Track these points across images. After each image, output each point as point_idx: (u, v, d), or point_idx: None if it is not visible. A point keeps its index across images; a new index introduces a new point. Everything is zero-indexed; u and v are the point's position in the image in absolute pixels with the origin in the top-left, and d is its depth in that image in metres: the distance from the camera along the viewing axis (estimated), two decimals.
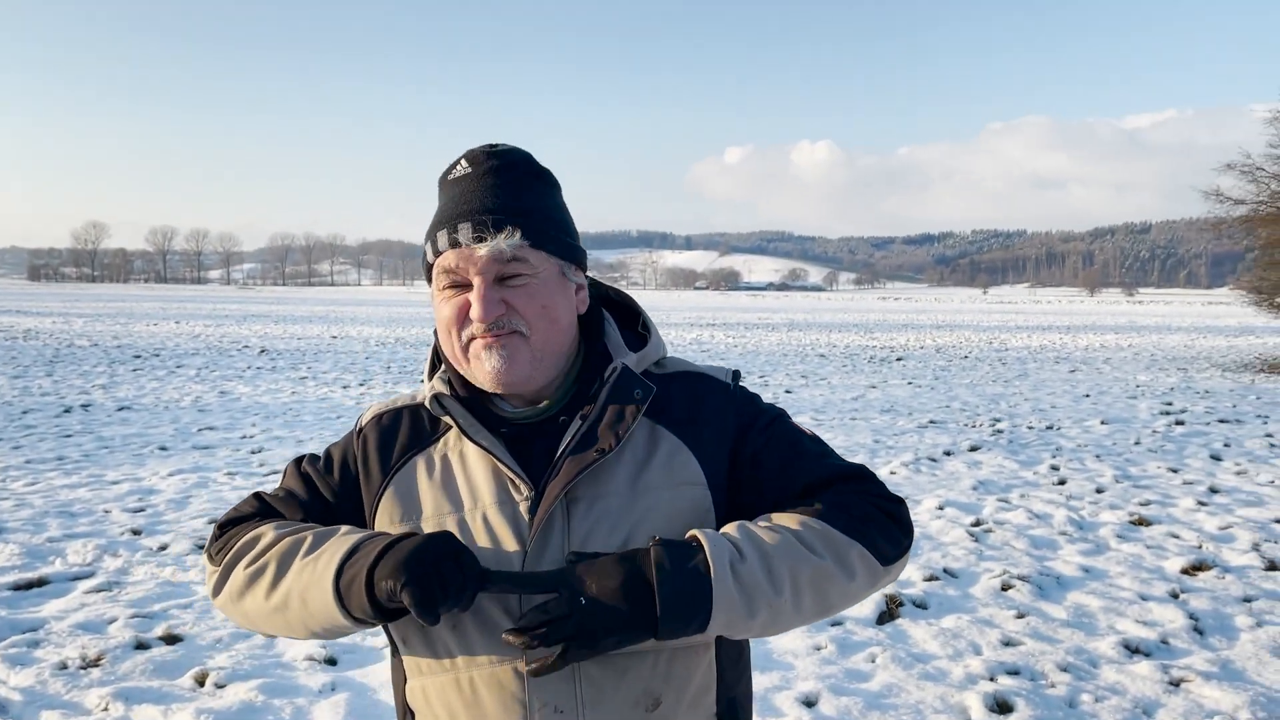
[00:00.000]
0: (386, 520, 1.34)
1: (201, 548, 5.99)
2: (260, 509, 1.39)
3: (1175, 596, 5.32)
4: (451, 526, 1.29)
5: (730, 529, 1.23)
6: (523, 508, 1.28)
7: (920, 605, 5.15)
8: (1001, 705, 3.96)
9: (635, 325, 1.46)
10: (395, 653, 1.38)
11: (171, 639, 4.55)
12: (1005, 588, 5.41)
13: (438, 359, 1.41)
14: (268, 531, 1.31)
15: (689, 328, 37.11)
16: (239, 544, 1.31)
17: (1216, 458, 9.67)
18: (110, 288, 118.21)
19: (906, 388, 16.18)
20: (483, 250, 1.24)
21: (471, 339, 1.28)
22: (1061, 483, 8.36)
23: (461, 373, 1.34)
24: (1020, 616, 4.98)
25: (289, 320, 37.15)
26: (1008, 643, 4.64)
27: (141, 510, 6.96)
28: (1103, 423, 12.00)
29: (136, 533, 6.35)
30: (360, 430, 1.42)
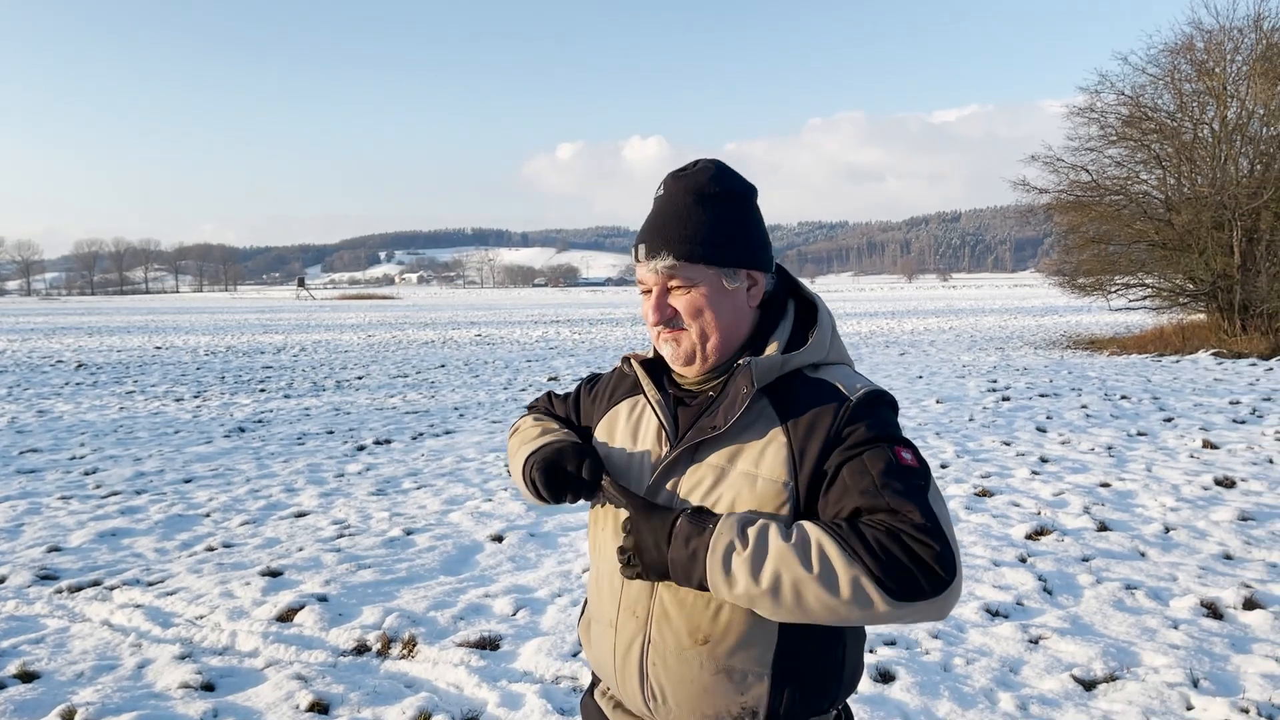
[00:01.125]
0: (598, 438, 1.77)
1: (44, 578, 5.64)
2: (545, 403, 1.97)
3: (1024, 560, 5.72)
4: (622, 457, 1.69)
5: (754, 522, 1.43)
6: (663, 454, 1.62)
7: None
8: (884, 675, 4.17)
9: (811, 326, 1.65)
10: None
11: (28, 676, 4.23)
12: None
13: None
14: (528, 420, 1.90)
15: (534, 325, 36.98)
16: (517, 423, 1.91)
17: (1042, 429, 10.42)
18: None
19: None
20: (646, 269, 1.59)
21: (657, 331, 1.63)
22: None
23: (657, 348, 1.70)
24: None
25: (105, 331, 34.79)
26: None
27: None
28: (938, 401, 12.72)
29: None
30: (616, 367, 1.85)
